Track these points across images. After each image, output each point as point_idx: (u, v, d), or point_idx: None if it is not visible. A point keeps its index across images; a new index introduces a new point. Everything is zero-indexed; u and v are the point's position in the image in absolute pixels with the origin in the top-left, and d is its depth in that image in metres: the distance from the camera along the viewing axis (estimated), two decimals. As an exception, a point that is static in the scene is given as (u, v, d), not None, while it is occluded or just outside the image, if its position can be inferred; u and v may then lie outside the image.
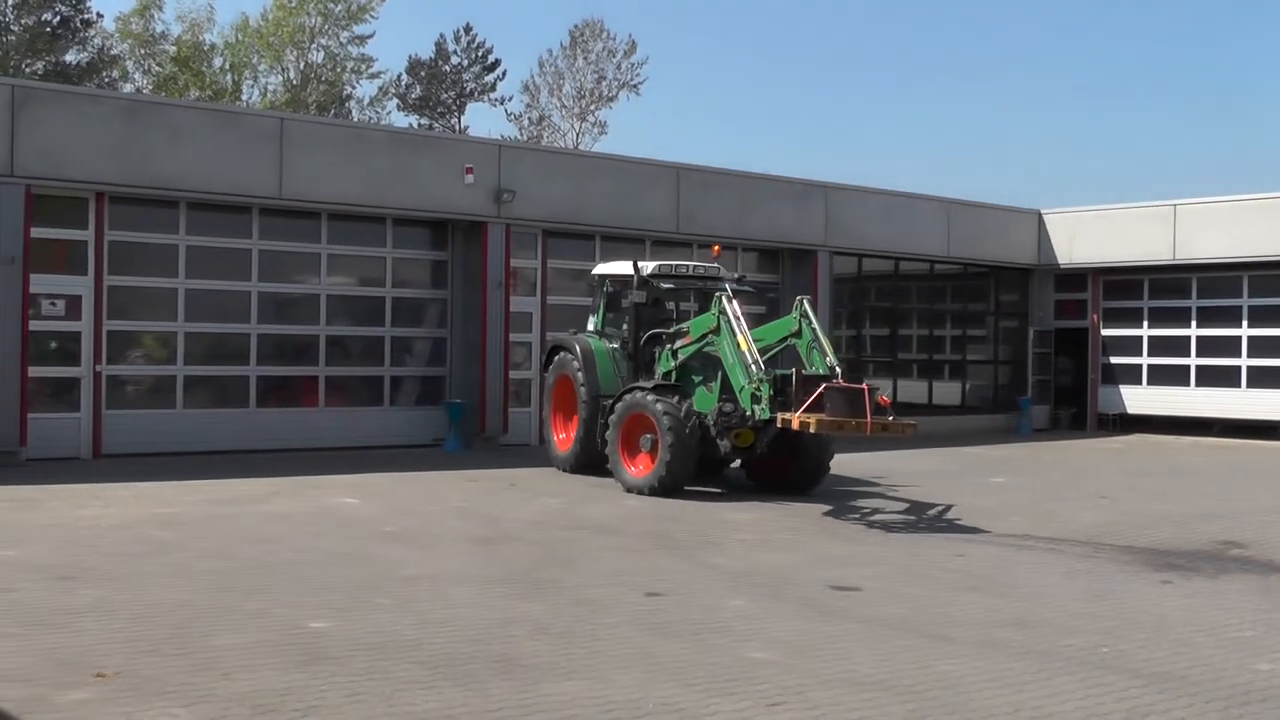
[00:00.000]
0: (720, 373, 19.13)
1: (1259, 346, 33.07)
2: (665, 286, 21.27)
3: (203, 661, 8.93)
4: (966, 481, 22.40)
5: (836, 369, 17.67)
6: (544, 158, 30.91)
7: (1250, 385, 33.16)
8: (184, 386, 23.95)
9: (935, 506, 18.52)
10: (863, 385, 17.06)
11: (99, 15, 57.90)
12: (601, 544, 14.80)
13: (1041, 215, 36.76)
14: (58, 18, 56.12)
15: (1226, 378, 33.54)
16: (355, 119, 59.43)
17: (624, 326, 21.54)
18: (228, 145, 23.65)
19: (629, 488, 19.43)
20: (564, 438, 22.06)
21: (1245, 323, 33.29)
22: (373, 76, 63.93)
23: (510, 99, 68.05)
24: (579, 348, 21.45)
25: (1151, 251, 34.07)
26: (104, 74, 57.27)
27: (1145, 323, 35.27)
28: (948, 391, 36.05)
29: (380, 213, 25.79)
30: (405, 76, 66.85)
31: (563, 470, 21.76)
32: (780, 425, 17.68)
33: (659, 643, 9.83)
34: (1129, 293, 35.71)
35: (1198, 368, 34.09)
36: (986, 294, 37.26)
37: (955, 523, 16.96)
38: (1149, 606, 11.79)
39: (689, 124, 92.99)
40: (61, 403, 22.52)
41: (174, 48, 58.95)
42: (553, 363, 22.41)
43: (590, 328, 22.50)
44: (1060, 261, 36.18)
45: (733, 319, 18.70)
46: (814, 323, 18.47)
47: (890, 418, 17.39)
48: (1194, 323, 34.22)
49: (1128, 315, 35.70)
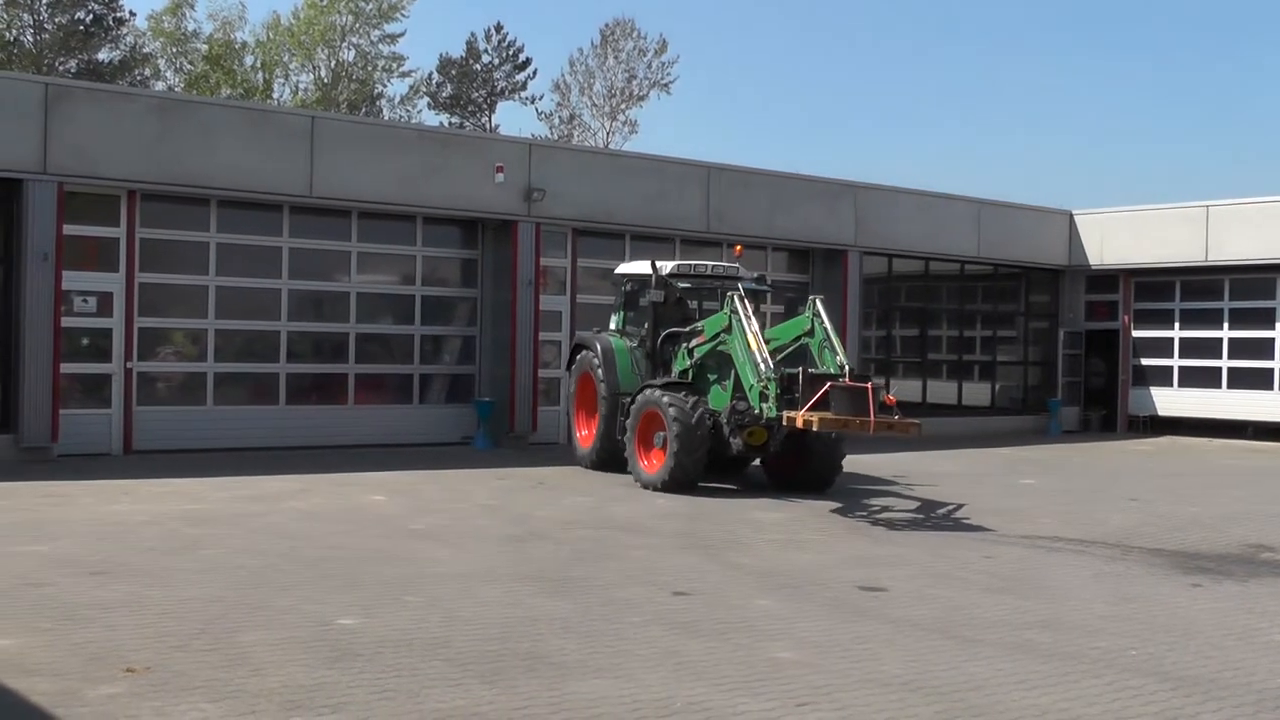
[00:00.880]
0: (733, 371, 19.22)
1: (1292, 349, 32.89)
2: (682, 286, 21.42)
3: (232, 657, 8.97)
4: (996, 483, 22.34)
5: (846, 368, 17.68)
6: (574, 157, 30.91)
7: (1283, 387, 33.01)
8: (214, 383, 24.05)
9: (963, 507, 18.47)
10: (867, 384, 17.07)
11: (131, 14, 58.30)
12: (630, 543, 14.81)
13: (1073, 216, 36.61)
14: (90, 16, 56.41)
15: (1259, 380, 33.32)
16: (386, 117, 59.59)
17: (643, 325, 21.72)
18: (259, 143, 23.73)
19: (643, 483, 19.69)
20: (586, 434, 22.41)
21: (1278, 325, 33.06)
22: (404, 75, 64.09)
23: (541, 98, 68.15)
24: (600, 346, 21.78)
25: (1183, 253, 33.88)
26: (136, 72, 57.53)
27: (1177, 324, 35.09)
28: (977, 392, 35.94)
29: (410, 211, 25.84)
30: (436, 75, 66.99)
31: (585, 466, 22.01)
32: (785, 424, 17.74)
33: (686, 642, 9.83)
34: (1160, 294, 35.53)
35: (1230, 370, 33.88)
36: (1017, 295, 37.13)
37: (984, 524, 16.90)
38: (1178, 609, 11.74)
39: (719, 123, 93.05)
40: (93, 399, 22.62)
41: (205, 46, 59.18)
42: (576, 361, 22.83)
43: (612, 326, 22.81)
44: (1091, 262, 36.03)
45: (743, 318, 18.77)
46: (826, 322, 18.51)
47: (896, 417, 17.46)
48: (1226, 324, 34.01)
49: (1159, 317, 35.52)
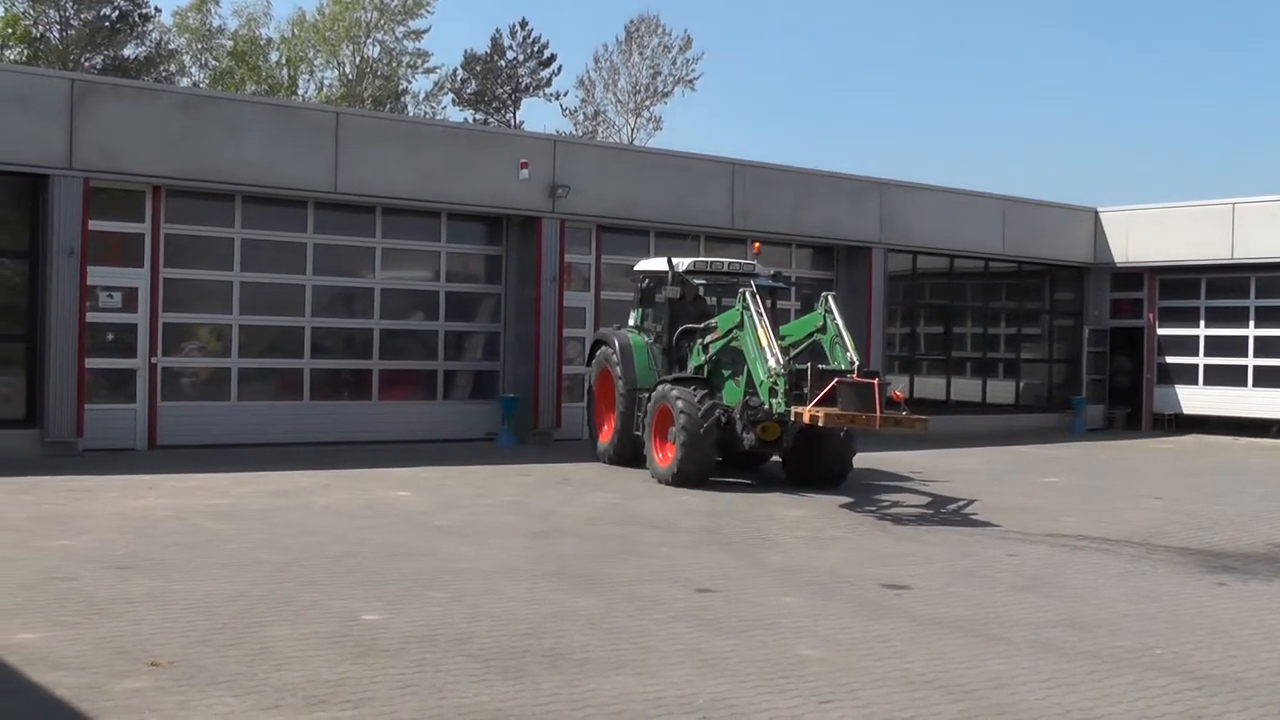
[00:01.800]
0: (746, 367, 19.26)
1: (1320, 347, 32.75)
2: (698, 282, 21.45)
3: (256, 652, 8.99)
4: (1020, 481, 22.29)
5: (855, 363, 17.68)
6: (599, 153, 30.92)
7: (1311, 386, 32.87)
8: (238, 379, 24.12)
9: (987, 505, 18.41)
10: (874, 380, 17.07)
11: (157, 10, 58.38)
12: (653, 539, 14.81)
13: (1098, 213, 36.45)
14: (116, 12, 56.56)
15: (1286, 379, 33.22)
16: (411, 114, 59.61)
17: (661, 322, 21.83)
18: (284, 139, 23.79)
19: (656, 478, 19.88)
20: (605, 430, 22.50)
21: (1305, 323, 32.95)
22: (428, 71, 64.14)
23: (565, 94, 68.10)
24: (618, 342, 21.96)
25: (1209, 250, 33.71)
26: (161, 68, 57.67)
27: (1202, 322, 34.92)
28: (1002, 390, 35.84)
29: (435, 207, 25.87)
30: (461, 71, 67.00)
31: (604, 462, 22.14)
32: (794, 419, 17.77)
33: (710, 639, 9.83)
34: (1186, 292, 35.35)
35: (1255, 368, 33.72)
36: (1042, 292, 37.02)
37: (1007, 522, 16.85)
38: (1203, 608, 11.70)
39: (744, 120, 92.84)
40: (118, 394, 22.70)
41: (230, 42, 59.32)
42: (595, 357, 22.92)
43: (630, 323, 22.96)
44: (1116, 260, 35.88)
45: (755, 314, 18.81)
46: (838, 318, 18.52)
47: (903, 412, 17.47)
48: (1252, 322, 33.82)
49: (1184, 314, 35.34)
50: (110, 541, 13.38)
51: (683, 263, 21.80)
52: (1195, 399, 34.88)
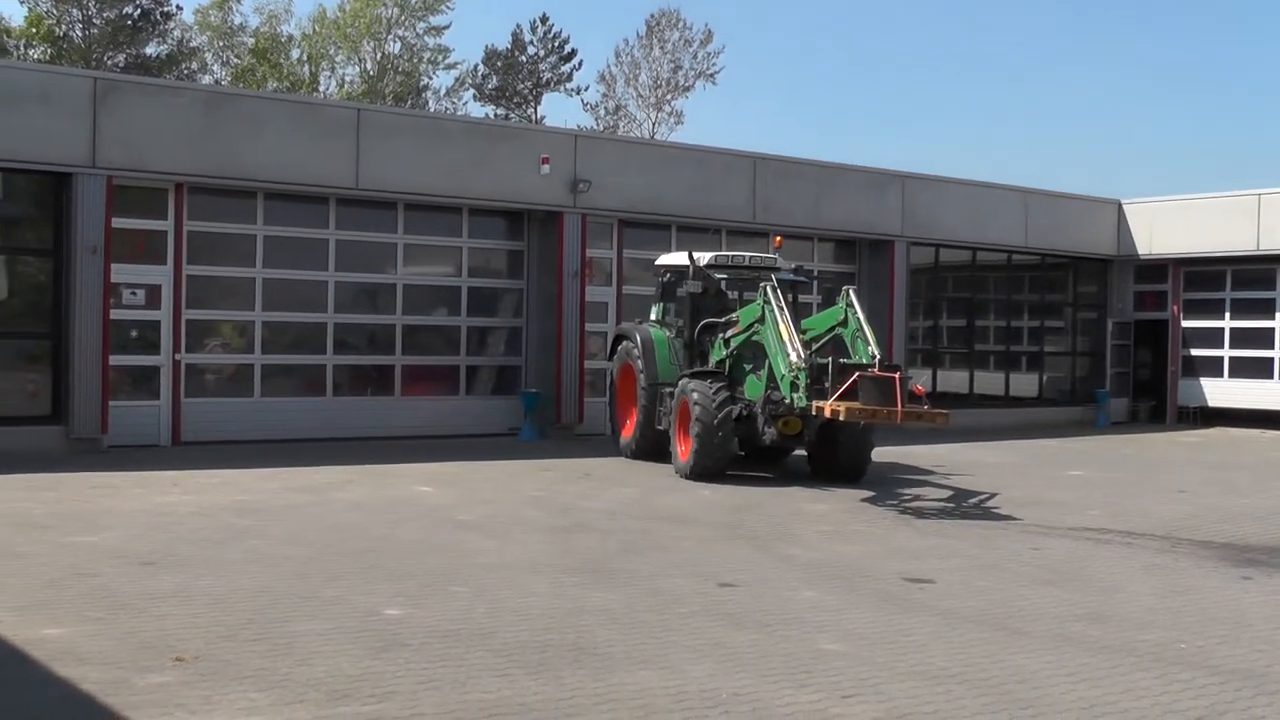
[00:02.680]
0: (768, 361, 19.23)
1: (1345, 339, 32.59)
2: (719, 276, 21.41)
3: (280, 647, 9.02)
4: (1043, 474, 22.23)
5: (876, 358, 17.64)
6: (620, 148, 30.93)
7: (1336, 379, 32.71)
8: (262, 375, 24.21)
9: (1010, 499, 18.37)
10: (895, 374, 17.02)
11: (178, 8, 58.73)
12: (676, 534, 14.81)
13: (1121, 205, 36.31)
14: (138, 11, 56.81)
15: (1311, 371, 33.07)
16: (432, 109, 59.72)
17: (683, 316, 21.81)
18: (305, 136, 23.84)
19: (678, 472, 19.91)
20: (627, 424, 22.54)
21: (1331, 315, 32.80)
22: (449, 67, 64.32)
23: (586, 89, 68.25)
24: (639, 337, 21.96)
25: (1234, 242, 33.53)
26: (183, 66, 57.93)
27: (1227, 314, 34.74)
28: (1025, 383, 35.73)
29: (457, 203, 25.90)
30: (482, 67, 67.13)
31: (625, 456, 22.16)
32: (814, 413, 17.75)
33: (732, 633, 9.83)
34: (1211, 284, 35.19)
35: (1282, 360, 33.61)
36: (1065, 285, 36.89)
37: (1031, 516, 16.81)
38: (1228, 602, 11.66)
39: (765, 114, 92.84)
40: (141, 391, 22.79)
41: (252, 40, 59.50)
42: (617, 352, 22.96)
43: (652, 317, 22.98)
44: (1140, 252, 35.73)
45: (775, 308, 18.78)
46: (859, 312, 18.49)
47: (924, 406, 17.43)
48: (1278, 314, 33.68)
49: (1209, 307, 35.18)
50: (135, 537, 13.43)
51: (704, 257, 21.76)
52: (1220, 392, 34.72)
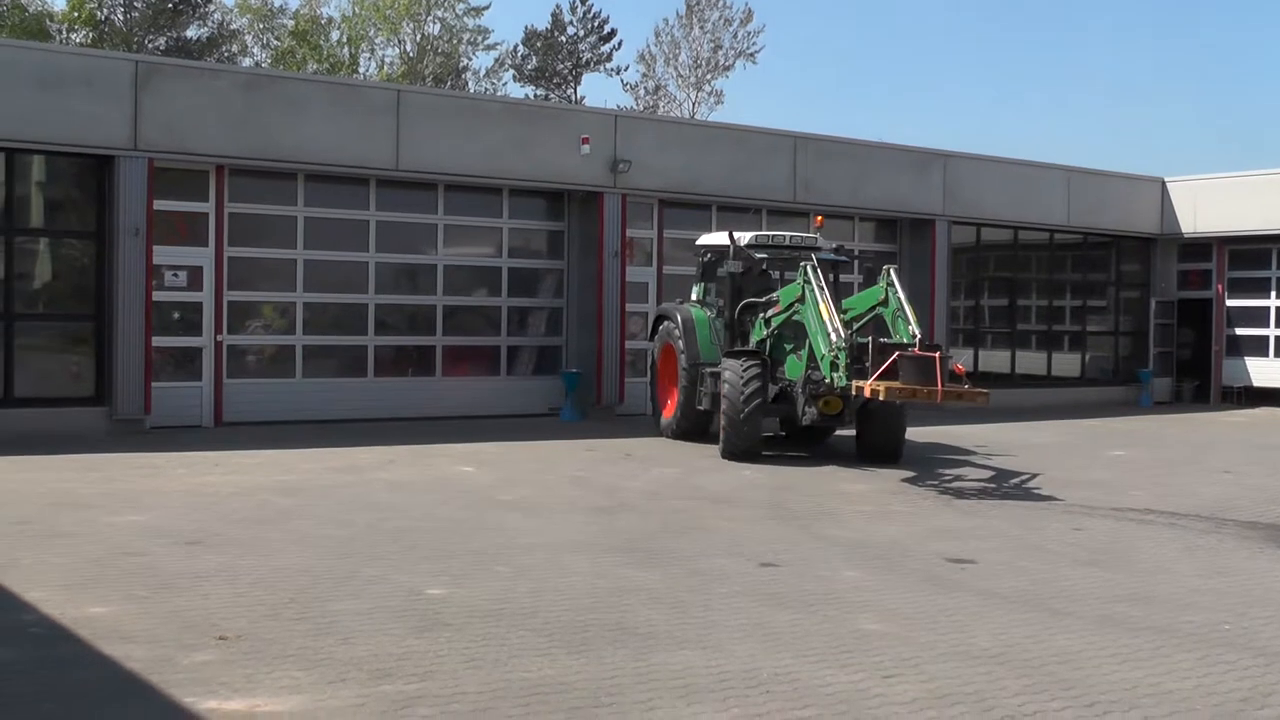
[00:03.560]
0: (808, 341, 19.18)
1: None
2: (759, 256, 21.38)
3: (322, 626, 9.06)
4: (1085, 454, 22.12)
5: (917, 337, 17.57)
6: (660, 128, 30.86)
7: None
8: (303, 356, 24.30)
9: (1053, 479, 18.29)
10: (935, 354, 16.92)
11: (218, -9, 58.72)
12: (717, 514, 14.81)
13: (1165, 183, 36.03)
14: (179, -6, 56.94)
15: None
16: (472, 90, 59.72)
17: (724, 296, 21.78)
18: (345, 118, 23.88)
19: (720, 452, 19.84)
20: (668, 404, 22.54)
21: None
22: (489, 48, 64.22)
23: (626, 69, 68.03)
24: (680, 317, 21.95)
25: (1280, 220, 33.30)
26: (223, 49, 58.06)
27: (1273, 293, 34.46)
28: (1067, 363, 35.57)
29: (496, 184, 25.93)
30: (521, 47, 67.02)
31: (667, 436, 22.17)
32: (854, 393, 17.71)
33: (773, 613, 9.82)
34: (1256, 262, 34.90)
35: (1329, 339, 33.35)
36: (1107, 264, 36.67)
37: (1073, 496, 16.74)
38: (1273, 584, 11.58)
39: (806, 93, 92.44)
40: (184, 372, 22.94)
41: (291, 22, 59.60)
42: (658, 332, 22.97)
43: (693, 297, 22.95)
44: (1184, 230, 35.47)
45: (815, 288, 18.71)
46: (899, 291, 18.40)
47: (965, 386, 17.32)
48: (1325, 293, 33.46)
49: (1254, 285, 34.91)
50: (178, 517, 13.52)
51: (744, 237, 21.74)
52: (1265, 371, 34.45)
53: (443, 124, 24.92)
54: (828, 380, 18.31)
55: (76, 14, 53.87)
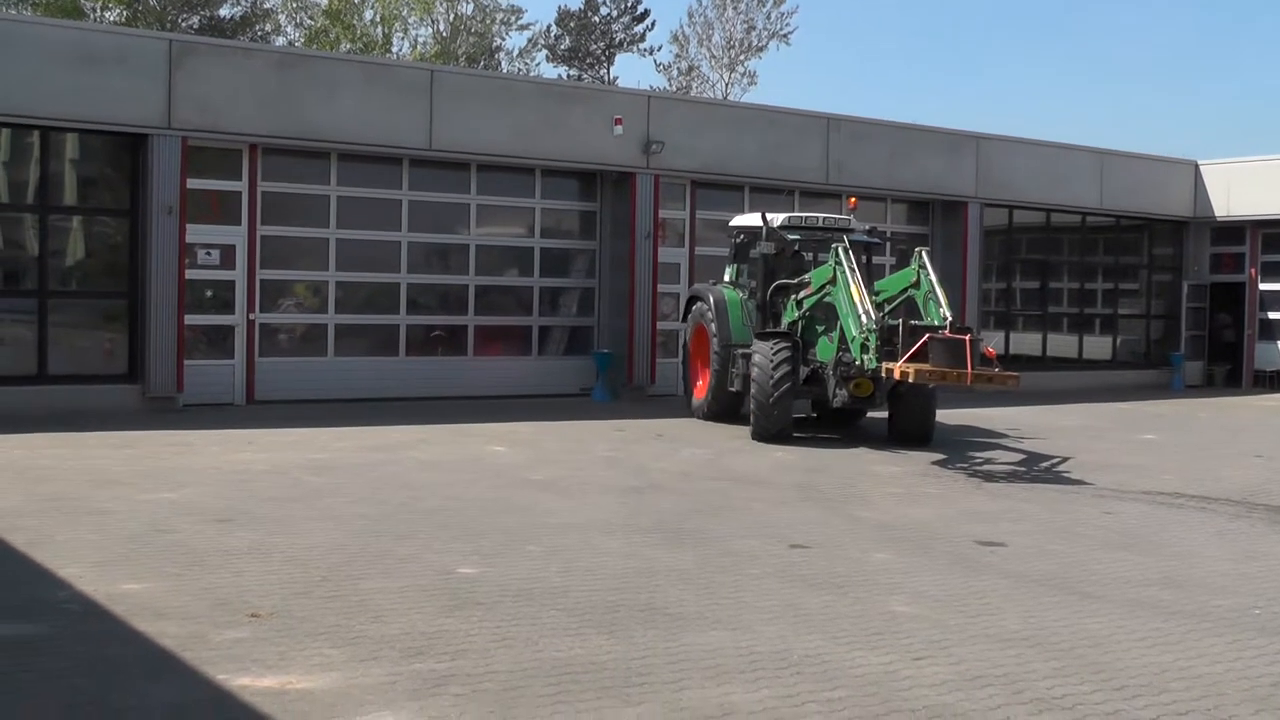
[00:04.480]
0: (839, 323, 19.15)
1: None
2: (792, 238, 21.33)
3: (354, 604, 9.11)
4: (1117, 437, 22.06)
5: (948, 319, 17.53)
6: (693, 108, 30.83)
7: None
8: (335, 335, 24.39)
9: (1083, 463, 18.25)
10: (965, 336, 16.87)
11: (252, -30, 58.75)
12: (748, 495, 14.82)
13: (1198, 166, 35.82)
14: (212, -28, 57.00)
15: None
16: (505, 70, 59.69)
17: (756, 277, 21.73)
18: (378, 97, 23.93)
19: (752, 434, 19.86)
20: (700, 385, 22.59)
21: None
22: (522, 28, 64.07)
23: (659, 49, 67.98)
24: (712, 298, 21.97)
25: (1314, 203, 33.06)
26: (257, 28, 58.11)
27: (1307, 277, 34.32)
28: (1099, 346, 35.45)
29: (529, 164, 25.95)
30: (554, 28, 66.95)
31: (698, 417, 22.21)
32: (884, 375, 17.69)
33: (804, 595, 9.84)
34: (1290, 246, 34.75)
35: (1362, 323, 33.13)
36: (1140, 247, 36.50)
37: (1104, 479, 16.70)
38: (1305, 568, 11.55)
39: (839, 74, 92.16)
40: (216, 350, 23.05)
41: (325, 1, 59.60)
42: (690, 313, 22.95)
43: (726, 278, 22.93)
44: (1217, 214, 35.26)
45: (847, 270, 18.68)
46: (931, 274, 18.37)
47: (995, 369, 17.28)
48: (1359, 277, 33.23)
49: (1289, 269, 34.75)
50: (211, 495, 13.59)
51: (777, 218, 21.71)
52: (1299, 356, 34.29)
53: (476, 104, 24.94)
54: (858, 362, 18.30)
55: (110, -7, 53.99)
